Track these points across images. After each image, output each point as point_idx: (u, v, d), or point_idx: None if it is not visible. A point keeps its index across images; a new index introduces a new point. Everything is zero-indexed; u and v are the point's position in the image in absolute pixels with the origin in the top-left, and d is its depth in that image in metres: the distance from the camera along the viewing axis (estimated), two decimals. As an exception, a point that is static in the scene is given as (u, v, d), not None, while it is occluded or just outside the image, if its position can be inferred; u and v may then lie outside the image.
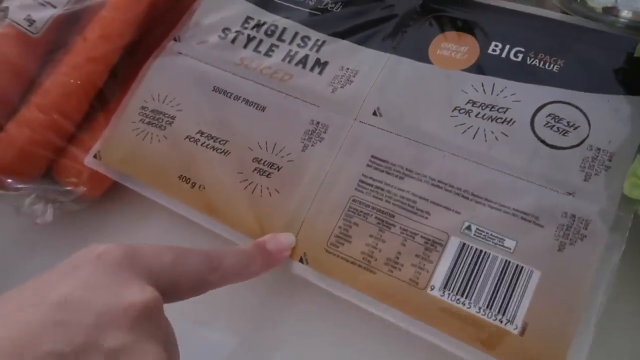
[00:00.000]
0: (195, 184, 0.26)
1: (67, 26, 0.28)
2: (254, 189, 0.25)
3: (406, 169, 0.24)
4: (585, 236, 0.21)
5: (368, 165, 0.24)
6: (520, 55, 0.25)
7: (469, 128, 0.24)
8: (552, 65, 0.25)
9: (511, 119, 0.24)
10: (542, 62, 0.25)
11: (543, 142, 0.23)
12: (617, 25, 0.25)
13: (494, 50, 0.26)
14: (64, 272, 0.17)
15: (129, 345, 0.15)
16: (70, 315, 0.15)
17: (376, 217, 0.23)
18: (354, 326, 0.24)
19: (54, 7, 0.28)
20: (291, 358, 0.25)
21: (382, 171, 0.24)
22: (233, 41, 0.29)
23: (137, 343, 0.16)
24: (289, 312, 0.25)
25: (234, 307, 0.26)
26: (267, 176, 0.25)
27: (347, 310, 0.23)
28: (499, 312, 0.20)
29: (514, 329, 0.20)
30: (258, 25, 0.29)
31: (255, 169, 0.26)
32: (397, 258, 0.22)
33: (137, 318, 0.16)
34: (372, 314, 0.22)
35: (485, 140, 0.24)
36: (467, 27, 0.27)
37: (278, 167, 0.25)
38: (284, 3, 0.30)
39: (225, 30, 0.30)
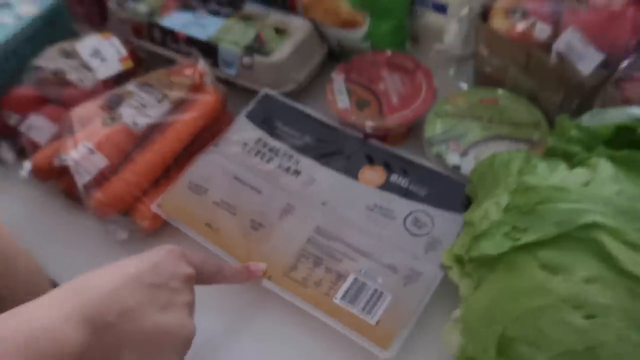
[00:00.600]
0: (214, 228, 0.45)
1: (155, 128, 0.49)
2: (248, 235, 0.44)
3: (335, 236, 0.43)
4: (418, 280, 0.40)
5: (314, 232, 0.44)
6: (406, 184, 0.46)
7: (372, 218, 0.44)
8: (421, 191, 0.45)
9: (394, 216, 0.44)
10: (416, 189, 0.45)
11: (408, 230, 0.43)
12: (460, 174, 0.46)
13: (394, 179, 0.46)
14: (153, 253, 0.35)
15: (180, 289, 0.34)
16: (159, 269, 0.33)
17: (312, 260, 0.42)
18: (295, 320, 0.42)
19: (150, 117, 0.49)
20: (256, 338, 0.42)
21: (321, 235, 0.43)
22: (249, 151, 0.50)
23: (184, 289, 0.34)
24: (260, 310, 0.43)
25: (223, 305, 0.44)
26: (256, 230, 0.44)
27: (291, 307, 0.41)
28: (368, 313, 0.39)
29: (373, 322, 0.38)
30: (264, 145, 0.50)
31: (250, 225, 0.45)
32: (321, 282, 0.41)
33: (186, 279, 0.34)
34: (306, 311, 0.40)
35: (378, 225, 0.43)
36: (383, 163, 0.48)
37: (264, 225, 0.45)
38: (282, 135, 0.51)
39: (245, 144, 0.50)
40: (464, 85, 0.55)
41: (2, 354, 0.25)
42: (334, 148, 0.49)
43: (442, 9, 0.55)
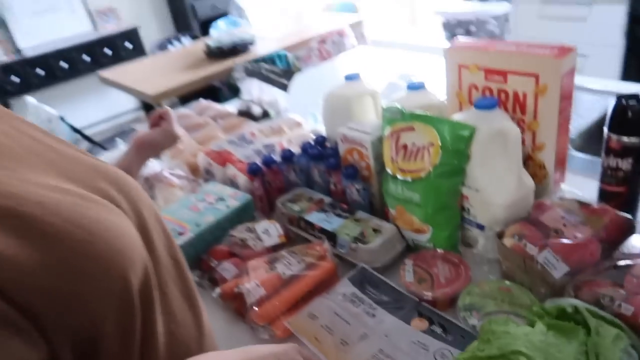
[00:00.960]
0: (319, 340, 0.75)
1: (294, 277, 0.83)
2: (339, 348, 0.73)
3: (390, 356, 0.70)
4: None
5: (378, 352, 0.71)
6: (440, 332, 0.73)
7: (414, 349, 0.71)
8: (449, 337, 0.72)
9: (429, 350, 0.70)
10: (446, 335, 0.72)
11: (436, 359, 0.69)
12: (476, 330, 0.72)
13: (433, 328, 0.74)
14: (286, 345, 0.65)
15: None
16: (287, 354, 0.62)
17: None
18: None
19: (292, 271, 0.83)
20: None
21: (382, 354, 0.71)
22: (346, 299, 0.81)
23: None
24: None
25: None
26: (344, 345, 0.73)
27: None
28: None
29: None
30: (356, 296, 0.81)
31: (340, 342, 0.74)
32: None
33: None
34: None
35: (419, 354, 0.70)
36: (428, 318, 0.76)
37: (348, 344, 0.74)
38: (368, 292, 0.82)
39: (344, 295, 0.82)
40: (493, 277, 0.83)
41: None
42: (399, 305, 0.79)
43: (480, 227, 0.87)
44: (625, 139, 0.80)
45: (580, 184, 0.95)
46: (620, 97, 0.80)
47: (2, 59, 3.69)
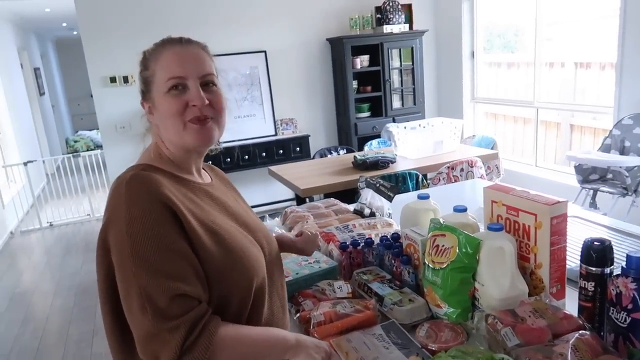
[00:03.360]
0: None
1: (345, 315, 1.27)
2: (358, 361, 1.14)
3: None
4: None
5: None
6: (425, 366, 1.09)
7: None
8: (429, 371, 1.08)
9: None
10: (428, 369, 1.08)
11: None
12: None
13: None
14: (322, 342, 1.10)
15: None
16: (319, 347, 1.08)
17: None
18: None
19: (346, 310, 1.28)
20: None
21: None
22: (376, 338, 1.21)
23: None
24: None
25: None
26: (362, 360, 1.14)
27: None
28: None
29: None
30: (383, 339, 1.21)
31: None
32: (373, 381, 1.07)
33: (326, 354, 1.08)
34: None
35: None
36: None
37: None
38: (392, 338, 1.21)
39: (375, 334, 1.22)
40: (482, 346, 1.17)
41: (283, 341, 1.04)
42: (407, 347, 1.17)
43: (481, 311, 1.22)
44: (591, 268, 1.12)
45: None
46: (587, 240, 1.13)
47: (206, 147, 4.85)
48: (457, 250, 1.23)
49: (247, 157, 4.95)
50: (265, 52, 5.10)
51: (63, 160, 6.85)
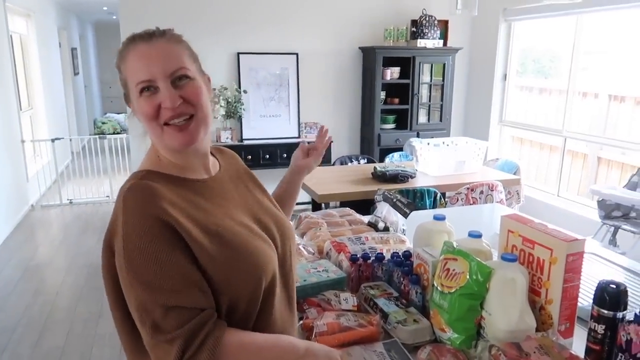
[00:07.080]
0: (347, 368, 1.16)
1: (349, 328, 1.27)
2: (356, 376, 1.13)
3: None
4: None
5: None
6: (423, 390, 1.08)
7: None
8: (427, 395, 1.07)
9: (409, 396, 1.06)
10: (425, 393, 1.07)
11: (410, 401, 1.05)
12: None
13: None
14: (333, 350, 1.10)
15: None
16: (330, 355, 1.08)
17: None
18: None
19: (350, 323, 1.27)
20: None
21: None
22: (376, 355, 1.21)
23: None
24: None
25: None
26: (360, 376, 1.13)
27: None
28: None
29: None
30: (383, 356, 1.20)
31: (359, 373, 1.14)
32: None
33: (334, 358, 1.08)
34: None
35: (401, 395, 1.07)
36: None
37: (363, 376, 1.13)
38: (392, 357, 1.21)
39: (379, 352, 1.22)
40: (482, 379, 1.15)
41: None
42: (407, 368, 1.16)
43: (486, 340, 1.20)
44: (603, 310, 1.10)
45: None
46: (602, 282, 1.11)
47: (229, 143, 4.89)
48: (468, 277, 1.22)
49: (268, 156, 4.97)
50: (297, 54, 5.13)
51: (89, 140, 7.00)
